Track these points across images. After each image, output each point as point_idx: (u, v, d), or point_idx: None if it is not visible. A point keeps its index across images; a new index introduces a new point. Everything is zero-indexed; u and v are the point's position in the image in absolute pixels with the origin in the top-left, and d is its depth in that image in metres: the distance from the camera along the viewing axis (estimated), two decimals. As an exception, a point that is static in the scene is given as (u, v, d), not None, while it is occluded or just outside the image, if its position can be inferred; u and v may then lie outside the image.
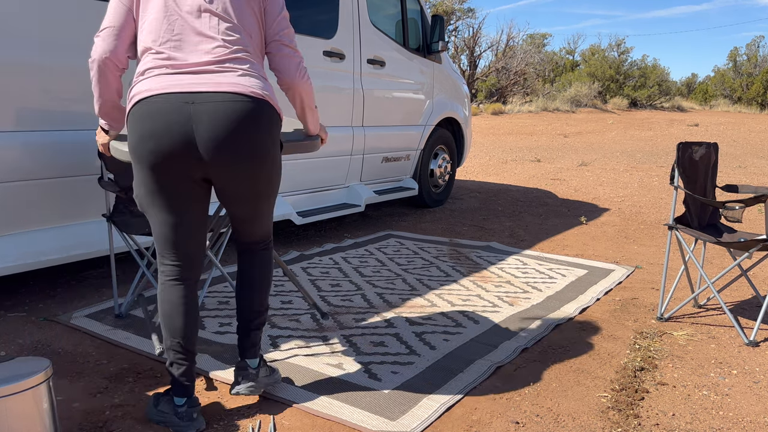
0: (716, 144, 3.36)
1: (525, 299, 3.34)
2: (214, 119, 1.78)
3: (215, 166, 1.82)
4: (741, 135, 17.35)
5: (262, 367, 2.17)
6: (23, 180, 2.93)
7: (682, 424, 2.12)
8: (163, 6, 1.87)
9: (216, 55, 1.85)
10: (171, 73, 1.83)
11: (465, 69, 27.12)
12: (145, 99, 1.81)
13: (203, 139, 1.78)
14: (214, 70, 1.84)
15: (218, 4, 1.88)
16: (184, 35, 1.86)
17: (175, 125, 1.77)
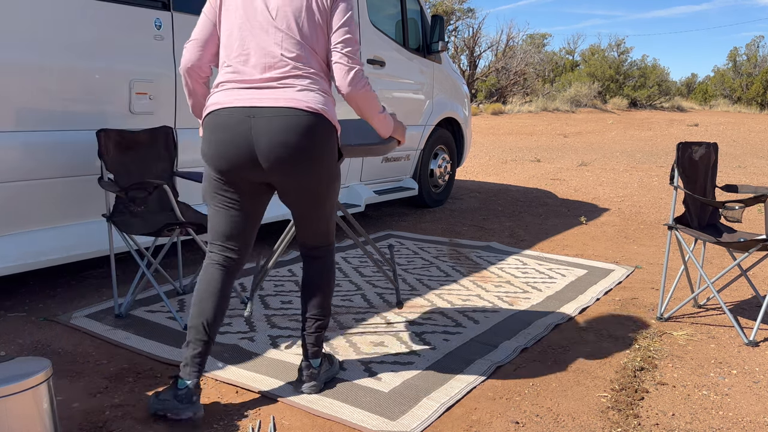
0: (716, 144, 3.36)
1: (525, 299, 3.34)
2: (271, 132, 1.95)
3: (273, 174, 2.00)
4: (741, 135, 17.36)
5: (323, 364, 2.29)
6: (23, 180, 2.93)
7: (681, 424, 2.12)
8: (238, 22, 2.02)
9: (278, 70, 2.00)
10: (237, 87, 2.01)
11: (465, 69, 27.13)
12: (214, 111, 2.01)
13: (262, 149, 1.96)
14: (274, 86, 1.99)
15: (282, 21, 2.00)
16: (252, 51, 2.01)
17: (238, 136, 1.96)
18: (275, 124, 1.95)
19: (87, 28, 3.07)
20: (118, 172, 3.04)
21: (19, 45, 2.83)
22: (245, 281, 3.54)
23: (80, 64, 3.07)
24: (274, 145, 1.95)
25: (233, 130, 1.96)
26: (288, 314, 3.04)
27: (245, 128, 1.96)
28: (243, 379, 2.33)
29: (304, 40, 2.01)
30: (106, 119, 3.22)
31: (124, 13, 3.22)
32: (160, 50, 3.42)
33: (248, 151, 1.97)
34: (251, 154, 1.97)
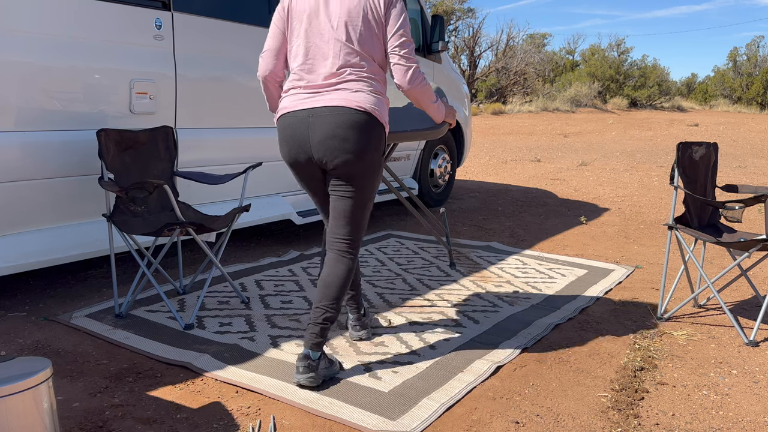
0: (716, 144, 3.36)
1: (525, 299, 3.34)
2: (324, 126, 2.22)
3: (323, 163, 2.27)
4: (741, 135, 17.36)
5: (322, 360, 2.33)
6: (23, 180, 2.93)
7: (681, 424, 2.12)
8: (305, 34, 2.31)
9: (337, 76, 2.27)
10: (301, 93, 2.30)
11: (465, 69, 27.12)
12: (283, 115, 2.31)
13: (315, 142, 2.24)
14: (332, 90, 2.26)
15: (342, 32, 2.27)
16: (315, 59, 2.30)
17: (299, 134, 2.26)
18: (328, 120, 2.21)
19: (87, 27, 3.07)
20: (119, 172, 3.04)
21: (19, 45, 2.83)
22: (245, 281, 3.54)
23: (80, 64, 3.07)
24: (325, 137, 2.21)
25: (296, 128, 2.26)
26: (288, 314, 3.04)
27: (304, 126, 2.24)
28: (243, 378, 2.33)
29: (361, 49, 2.28)
30: (107, 119, 3.22)
31: (124, 13, 3.22)
32: (161, 50, 3.42)
33: (305, 144, 2.26)
34: (307, 147, 2.26)
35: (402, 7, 2.31)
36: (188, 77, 3.57)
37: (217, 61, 3.73)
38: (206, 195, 3.80)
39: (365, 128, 2.22)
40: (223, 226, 3.00)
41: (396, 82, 2.34)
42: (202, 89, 3.66)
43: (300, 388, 2.26)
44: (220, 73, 3.76)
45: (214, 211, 3.78)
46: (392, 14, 2.30)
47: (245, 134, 3.99)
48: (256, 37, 3.96)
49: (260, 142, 4.07)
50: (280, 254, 4.20)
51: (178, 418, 2.09)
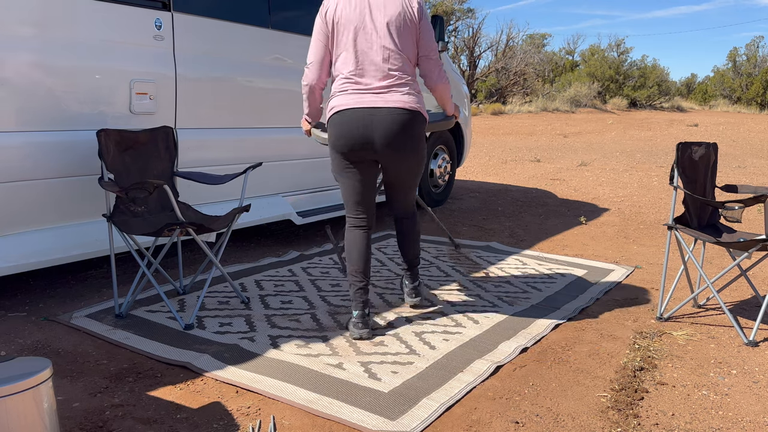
0: (716, 144, 3.37)
1: (525, 299, 3.34)
2: (385, 124, 2.65)
3: (383, 155, 2.71)
4: (740, 135, 17.36)
5: (421, 286, 3.28)
6: (24, 180, 2.93)
7: (681, 424, 2.12)
8: (354, 43, 2.68)
9: (387, 80, 2.68)
10: (357, 93, 2.68)
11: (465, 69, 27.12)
12: (341, 111, 2.67)
13: (378, 137, 2.66)
14: (386, 92, 2.68)
15: (387, 40, 2.68)
16: (366, 66, 2.69)
17: (361, 128, 2.65)
18: (389, 120, 2.64)
19: (87, 28, 3.07)
20: (119, 172, 3.04)
21: (19, 45, 2.84)
22: (245, 281, 3.54)
23: (80, 64, 3.07)
24: (387, 134, 2.65)
25: (358, 123, 2.64)
26: (288, 314, 3.04)
27: (367, 122, 2.64)
28: (243, 379, 2.33)
29: (402, 53, 2.70)
30: (107, 119, 3.22)
31: (124, 13, 3.22)
32: (161, 50, 3.42)
33: (367, 138, 2.66)
34: (369, 140, 2.66)
35: (428, 14, 2.72)
36: (188, 77, 3.57)
37: (217, 61, 3.74)
38: (206, 195, 3.80)
39: (416, 125, 2.71)
40: (223, 226, 3.00)
41: (427, 79, 2.86)
42: (202, 89, 3.67)
43: (299, 388, 2.26)
44: (220, 73, 3.76)
45: (214, 211, 3.78)
46: (424, 20, 2.75)
47: (246, 134, 3.99)
48: (256, 37, 3.96)
49: (260, 142, 4.08)
50: (280, 254, 4.20)
51: (178, 418, 2.09)
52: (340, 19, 2.68)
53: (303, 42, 4.27)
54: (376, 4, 2.68)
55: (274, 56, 4.11)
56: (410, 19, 2.69)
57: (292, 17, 4.24)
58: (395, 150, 2.68)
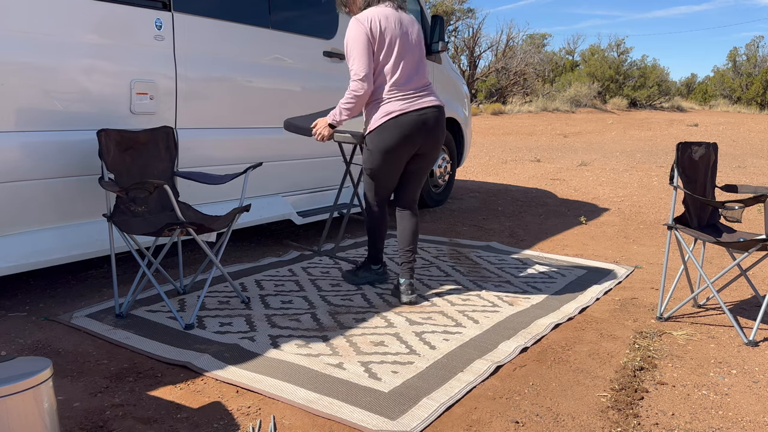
0: (716, 144, 3.37)
1: (525, 299, 3.35)
2: (433, 119, 3.11)
3: (426, 147, 3.15)
4: (740, 135, 17.36)
5: (415, 284, 3.52)
6: (24, 180, 2.93)
7: (681, 424, 2.12)
8: (395, 56, 3.05)
9: (422, 84, 3.15)
10: (404, 98, 3.08)
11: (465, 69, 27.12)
12: (399, 116, 3.05)
13: (429, 130, 3.11)
14: (425, 94, 3.13)
15: (417, 51, 3.14)
16: (407, 74, 3.10)
17: (414, 127, 3.07)
18: (437, 115, 3.12)
19: (87, 28, 3.07)
20: (119, 172, 3.04)
21: (19, 45, 2.84)
22: (245, 281, 3.55)
23: (80, 64, 3.07)
24: (437, 127, 3.13)
25: (412, 124, 3.06)
26: (288, 314, 3.04)
27: (421, 120, 3.07)
28: (243, 378, 2.34)
29: (422, 62, 3.17)
30: (107, 119, 3.22)
31: (125, 13, 3.22)
32: (161, 50, 3.42)
33: (422, 134, 3.09)
34: (421, 136, 3.09)
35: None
36: (189, 77, 3.57)
37: (217, 61, 3.74)
38: (206, 195, 3.80)
39: (444, 119, 3.20)
40: (223, 226, 3.00)
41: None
42: (203, 89, 3.67)
43: (300, 388, 2.27)
44: (220, 73, 3.76)
45: (214, 211, 3.78)
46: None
47: (246, 134, 3.99)
48: (256, 37, 3.96)
49: (261, 142, 4.08)
50: (280, 254, 4.20)
51: (178, 417, 2.09)
52: (385, 32, 3.02)
53: (303, 42, 4.27)
54: (404, 18, 3.12)
55: (274, 56, 4.11)
56: (419, 33, 3.18)
57: (292, 17, 4.23)
58: (436, 141, 3.15)
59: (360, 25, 3.00)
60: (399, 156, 3.13)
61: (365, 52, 3.00)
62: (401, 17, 3.10)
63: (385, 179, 3.21)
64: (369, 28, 2.99)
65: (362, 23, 3.00)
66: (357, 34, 2.99)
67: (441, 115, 3.14)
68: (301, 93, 4.30)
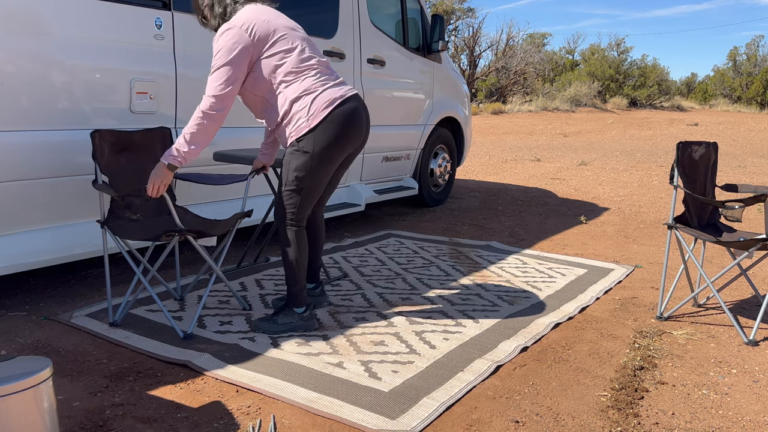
0: (716, 143, 3.37)
1: (525, 298, 3.34)
2: (366, 113, 2.74)
3: (362, 144, 2.78)
4: (740, 134, 17.36)
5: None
6: (23, 179, 2.93)
7: (681, 423, 2.12)
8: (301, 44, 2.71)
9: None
10: (338, 83, 2.71)
11: (465, 68, 27.11)
12: (342, 103, 2.64)
13: (366, 126, 2.75)
14: (344, 82, 2.77)
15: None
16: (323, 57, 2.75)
17: (359, 118, 2.67)
18: (365, 108, 2.75)
19: (87, 27, 3.07)
20: (114, 174, 2.98)
21: (19, 44, 2.83)
22: (245, 281, 3.54)
23: (80, 64, 3.07)
24: (368, 122, 2.77)
25: (357, 112, 2.66)
26: (288, 313, 3.04)
27: (359, 110, 2.67)
28: (243, 378, 2.34)
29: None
30: (106, 119, 3.22)
31: (125, 13, 3.22)
32: (161, 50, 3.42)
33: (363, 126, 2.72)
34: (364, 128, 2.73)
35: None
36: (189, 77, 3.57)
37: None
38: (207, 195, 3.80)
39: None
40: (223, 231, 2.97)
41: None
42: (203, 89, 3.66)
43: (300, 388, 2.26)
44: (220, 72, 3.76)
45: (214, 211, 3.78)
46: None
47: (245, 134, 3.99)
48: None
49: (261, 142, 4.07)
50: (279, 254, 4.20)
51: (178, 417, 2.09)
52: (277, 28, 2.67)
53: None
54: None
55: (274, 55, 4.11)
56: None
57: (292, 17, 4.22)
58: (367, 138, 2.81)
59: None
60: (340, 157, 2.66)
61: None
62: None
63: (320, 188, 2.70)
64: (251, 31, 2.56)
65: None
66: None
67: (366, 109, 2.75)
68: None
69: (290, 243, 2.71)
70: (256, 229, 3.65)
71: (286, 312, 2.80)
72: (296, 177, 2.62)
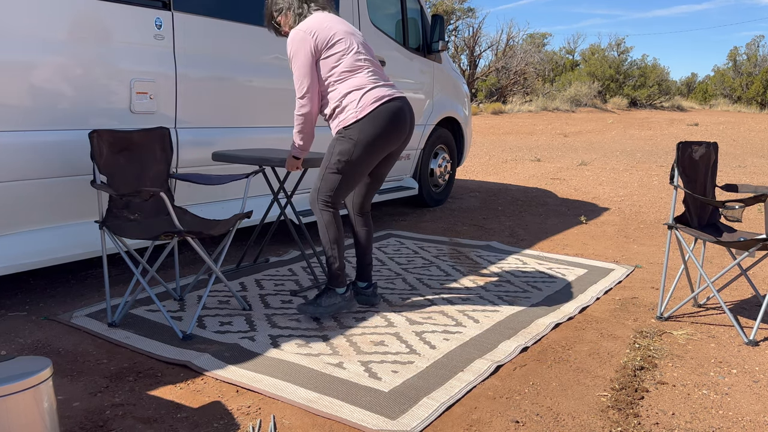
0: (716, 143, 3.37)
1: (525, 298, 3.34)
2: (410, 114, 2.95)
3: (402, 144, 2.99)
4: (741, 134, 17.36)
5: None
6: (23, 179, 2.93)
7: (681, 423, 2.12)
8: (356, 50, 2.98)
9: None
10: (387, 84, 2.95)
11: (465, 69, 27.11)
12: (389, 101, 2.88)
13: (409, 126, 2.95)
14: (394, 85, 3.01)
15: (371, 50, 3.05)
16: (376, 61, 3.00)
17: (402, 118, 2.89)
18: (411, 109, 2.97)
19: (87, 27, 3.07)
20: (113, 174, 2.97)
21: (19, 45, 2.83)
22: (245, 281, 3.54)
23: (80, 64, 3.07)
24: (412, 124, 2.98)
25: (401, 112, 2.89)
26: (288, 314, 3.04)
27: (404, 111, 2.90)
28: (243, 378, 2.33)
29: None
30: (106, 119, 3.22)
31: (125, 13, 3.22)
32: (161, 50, 3.42)
33: (406, 126, 2.93)
34: (406, 128, 2.93)
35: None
36: (188, 77, 3.57)
37: (217, 60, 3.73)
38: (207, 195, 3.80)
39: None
40: (222, 231, 2.96)
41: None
42: (203, 89, 3.66)
43: (300, 388, 2.26)
44: (220, 72, 3.76)
45: (214, 211, 3.78)
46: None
47: (246, 134, 3.99)
48: (256, 36, 3.96)
49: (261, 141, 4.08)
50: (280, 254, 4.20)
51: (178, 417, 2.09)
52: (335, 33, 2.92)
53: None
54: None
55: (274, 55, 4.11)
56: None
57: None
58: (408, 139, 2.99)
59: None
60: (382, 150, 2.89)
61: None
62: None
63: (359, 177, 2.92)
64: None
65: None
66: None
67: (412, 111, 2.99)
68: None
69: (328, 224, 2.91)
70: (255, 229, 3.65)
71: (328, 294, 2.95)
72: (338, 160, 2.85)
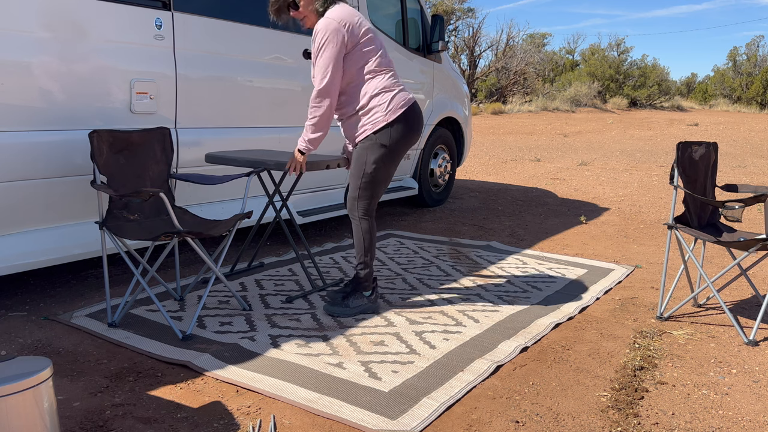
0: (716, 143, 3.37)
1: (525, 299, 3.34)
2: (422, 117, 2.98)
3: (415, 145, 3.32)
4: (740, 134, 17.36)
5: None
6: (24, 180, 2.93)
7: (681, 423, 2.12)
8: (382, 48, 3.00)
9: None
10: (405, 88, 2.98)
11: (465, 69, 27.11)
12: (413, 104, 2.94)
13: (422, 128, 2.97)
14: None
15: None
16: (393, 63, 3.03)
17: (420, 120, 2.94)
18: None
19: (87, 27, 3.07)
20: (113, 174, 2.98)
21: (20, 45, 2.84)
22: (245, 281, 3.54)
23: (80, 64, 3.07)
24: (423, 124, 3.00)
25: (420, 115, 2.93)
26: (288, 314, 3.04)
27: (420, 114, 2.94)
28: (243, 378, 2.34)
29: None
30: (107, 119, 3.22)
31: (125, 13, 3.22)
32: (161, 50, 3.42)
33: (421, 128, 2.96)
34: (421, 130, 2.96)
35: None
36: (188, 77, 3.57)
37: (217, 60, 3.74)
38: (207, 195, 3.80)
39: None
40: (222, 231, 2.96)
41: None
42: (203, 89, 3.67)
43: (300, 388, 2.26)
44: (220, 72, 3.76)
45: (214, 211, 3.78)
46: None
47: (246, 134, 3.99)
48: (257, 36, 3.96)
49: (262, 142, 4.08)
50: (280, 254, 4.20)
51: (178, 417, 2.09)
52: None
53: (303, 41, 4.27)
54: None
55: (274, 56, 4.11)
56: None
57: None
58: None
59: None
60: (405, 153, 2.91)
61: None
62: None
63: (389, 182, 2.97)
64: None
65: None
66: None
67: None
68: (302, 92, 4.29)
69: (365, 232, 2.95)
70: (250, 233, 3.63)
71: (356, 296, 3.03)
72: (374, 169, 2.84)
